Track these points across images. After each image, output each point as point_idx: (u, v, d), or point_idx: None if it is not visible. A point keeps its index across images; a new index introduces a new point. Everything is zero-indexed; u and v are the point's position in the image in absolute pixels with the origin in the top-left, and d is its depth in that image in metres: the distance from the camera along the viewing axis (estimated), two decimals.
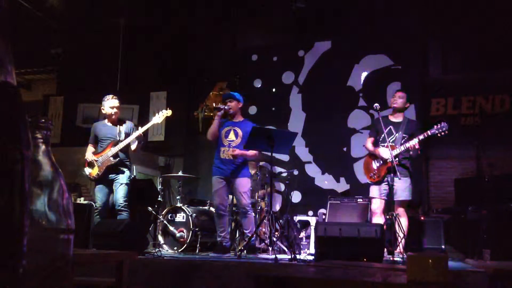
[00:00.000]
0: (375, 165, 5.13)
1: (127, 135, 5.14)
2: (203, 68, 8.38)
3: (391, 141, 5.02)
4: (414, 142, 4.82)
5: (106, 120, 5.26)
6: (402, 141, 4.94)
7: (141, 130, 5.02)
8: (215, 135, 5.15)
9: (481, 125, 6.66)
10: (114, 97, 5.22)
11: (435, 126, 4.89)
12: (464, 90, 6.86)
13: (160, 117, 5.15)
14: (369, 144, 5.26)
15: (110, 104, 5.16)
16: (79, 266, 2.77)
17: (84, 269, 3.22)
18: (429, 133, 4.86)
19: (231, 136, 5.09)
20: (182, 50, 8.42)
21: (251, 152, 5.04)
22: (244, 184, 5.05)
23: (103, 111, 5.25)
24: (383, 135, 4.99)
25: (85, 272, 3.21)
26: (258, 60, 8.17)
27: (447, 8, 6.93)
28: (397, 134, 5.03)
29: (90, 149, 5.24)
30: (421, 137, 4.85)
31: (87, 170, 5.15)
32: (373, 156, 5.19)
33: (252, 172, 5.87)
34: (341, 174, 7.10)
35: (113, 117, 5.18)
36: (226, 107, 5.14)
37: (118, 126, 5.20)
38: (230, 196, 5.47)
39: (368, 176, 5.19)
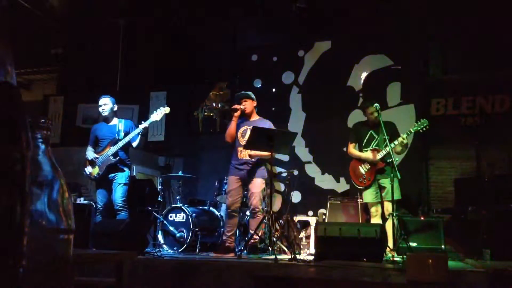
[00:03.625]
0: (363, 169, 5.24)
1: (126, 133, 5.19)
2: (203, 68, 8.38)
3: (374, 144, 5.21)
4: (400, 139, 5.02)
5: (103, 121, 5.37)
6: (385, 143, 5.03)
7: (141, 126, 5.06)
8: (233, 137, 5.13)
9: (481, 125, 6.66)
10: (103, 96, 5.36)
11: (416, 123, 5.15)
12: (464, 90, 6.86)
13: (158, 114, 5.17)
14: (353, 150, 5.38)
15: (99, 103, 5.32)
16: (79, 266, 2.77)
17: (84, 269, 3.22)
18: (412, 130, 5.10)
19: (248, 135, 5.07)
20: (182, 50, 8.42)
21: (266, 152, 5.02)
22: (258, 185, 5.04)
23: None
24: (365, 140, 5.25)
25: (85, 272, 3.21)
26: (258, 60, 8.16)
27: (447, 8, 6.93)
28: (378, 137, 5.17)
29: (90, 149, 5.32)
30: (404, 135, 5.07)
31: (88, 170, 5.19)
32: (359, 161, 5.29)
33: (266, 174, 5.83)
34: (341, 174, 7.09)
35: (104, 114, 5.27)
36: (242, 107, 5.13)
37: (117, 124, 5.27)
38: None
39: (358, 181, 5.28)
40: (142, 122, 5.20)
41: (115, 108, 5.34)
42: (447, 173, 6.79)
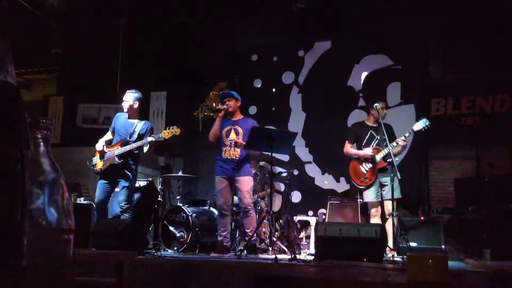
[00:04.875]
0: (363, 169, 5.21)
1: (140, 137, 5.04)
2: (203, 68, 8.38)
3: (374, 144, 5.19)
4: (401, 138, 5.01)
5: (126, 114, 5.18)
6: (384, 143, 5.02)
7: (148, 139, 4.93)
8: (217, 136, 5.15)
9: (481, 125, 6.66)
10: (127, 92, 5.21)
11: (417, 122, 5.11)
12: (464, 90, 6.86)
13: (168, 133, 5.03)
14: (352, 149, 5.34)
15: (123, 98, 5.16)
16: (79, 266, 2.77)
17: (84, 269, 3.22)
18: (414, 129, 5.07)
19: (232, 135, 5.09)
20: (182, 50, 8.42)
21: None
22: (247, 183, 5.04)
23: None
24: (365, 139, 5.23)
25: (85, 272, 3.21)
26: (258, 60, 8.17)
27: (447, 8, 6.93)
28: (378, 137, 5.17)
29: (107, 137, 5.14)
30: (406, 134, 5.06)
31: (95, 160, 5.05)
32: (359, 160, 5.26)
33: (253, 172, 5.86)
34: (341, 174, 7.09)
35: (125, 111, 5.13)
36: (225, 107, 5.13)
37: (135, 124, 5.10)
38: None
39: (359, 181, 5.24)
40: (152, 135, 5.02)
41: (136, 105, 5.13)
42: (447, 173, 6.79)
